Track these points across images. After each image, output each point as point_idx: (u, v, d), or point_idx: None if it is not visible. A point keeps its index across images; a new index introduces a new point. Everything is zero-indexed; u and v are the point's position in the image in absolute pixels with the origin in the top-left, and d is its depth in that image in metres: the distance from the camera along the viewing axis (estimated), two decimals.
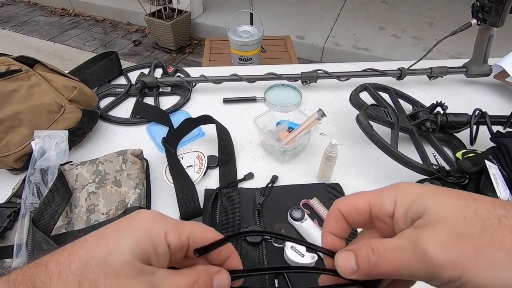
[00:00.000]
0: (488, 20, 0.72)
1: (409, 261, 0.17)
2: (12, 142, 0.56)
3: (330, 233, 0.23)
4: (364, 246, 0.19)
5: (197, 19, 2.78)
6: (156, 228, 0.20)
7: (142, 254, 0.19)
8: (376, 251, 0.19)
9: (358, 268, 0.19)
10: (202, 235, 0.21)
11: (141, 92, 0.79)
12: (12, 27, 3.02)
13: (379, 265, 0.18)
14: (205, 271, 0.21)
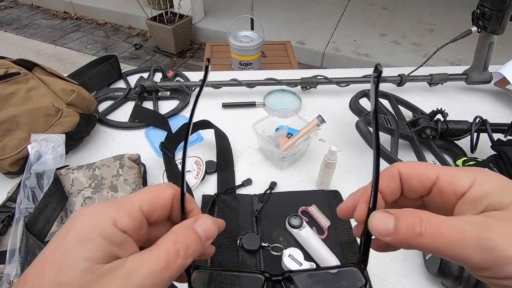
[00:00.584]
0: (488, 28, 0.72)
1: (467, 244, 0.16)
2: (8, 145, 0.55)
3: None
4: (411, 213, 0.18)
5: (198, 24, 2.79)
6: (99, 221, 0.18)
7: (99, 254, 0.17)
8: (427, 222, 0.17)
9: (396, 231, 0.18)
10: (156, 201, 0.20)
11: (140, 96, 0.79)
12: (14, 30, 3.03)
13: (425, 236, 0.17)
14: (180, 227, 0.20)
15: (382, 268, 0.47)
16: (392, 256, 0.49)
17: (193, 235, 0.19)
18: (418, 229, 0.17)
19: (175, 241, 0.19)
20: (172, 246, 0.18)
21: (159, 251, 0.18)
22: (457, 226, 0.17)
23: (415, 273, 0.46)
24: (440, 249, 0.17)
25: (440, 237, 0.17)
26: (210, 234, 0.20)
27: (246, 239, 0.48)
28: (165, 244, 0.19)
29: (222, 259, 0.46)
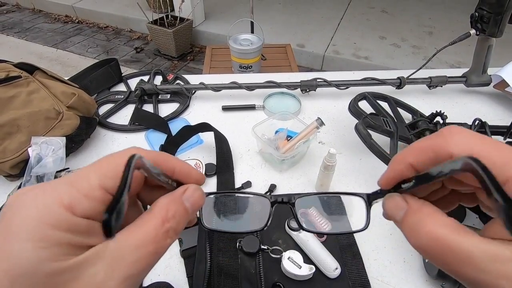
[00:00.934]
0: (487, 31, 0.73)
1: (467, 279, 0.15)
2: (9, 148, 0.55)
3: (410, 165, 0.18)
4: (421, 219, 0.17)
5: (198, 27, 2.81)
6: (49, 210, 0.15)
7: (60, 250, 0.14)
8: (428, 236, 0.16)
9: (401, 224, 0.18)
10: (120, 173, 0.15)
11: (141, 99, 0.79)
12: (16, 34, 3.05)
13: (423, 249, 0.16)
14: (168, 200, 0.18)
15: (381, 271, 0.47)
16: (391, 258, 0.48)
17: (182, 211, 0.18)
18: (420, 241, 0.16)
19: (164, 220, 0.17)
20: (161, 226, 0.16)
21: (146, 233, 0.16)
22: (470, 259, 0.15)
23: (415, 275, 0.46)
24: (444, 268, 0.16)
25: (443, 262, 0.16)
26: (197, 206, 0.19)
27: (246, 242, 0.48)
28: (153, 223, 0.16)
29: (221, 262, 0.46)
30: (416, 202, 0.18)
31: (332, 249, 0.48)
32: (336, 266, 0.45)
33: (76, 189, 0.16)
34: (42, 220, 0.14)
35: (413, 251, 0.49)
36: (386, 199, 0.19)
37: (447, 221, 0.16)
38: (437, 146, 0.17)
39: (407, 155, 0.18)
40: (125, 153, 0.17)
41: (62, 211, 0.15)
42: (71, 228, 0.15)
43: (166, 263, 0.48)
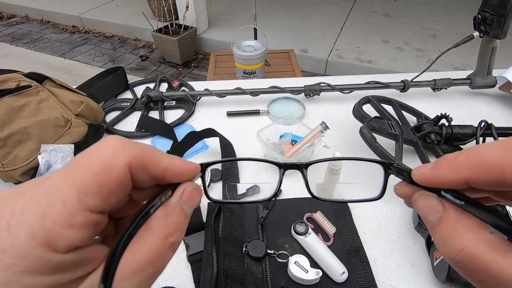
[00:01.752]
0: (490, 33, 0.72)
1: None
2: (19, 156, 0.57)
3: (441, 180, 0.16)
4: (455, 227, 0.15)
5: (202, 34, 2.85)
6: (23, 251, 0.12)
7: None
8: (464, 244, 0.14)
9: (431, 228, 0.16)
10: (105, 188, 0.13)
11: (147, 106, 0.81)
12: (25, 44, 3.13)
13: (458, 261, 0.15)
14: (167, 212, 0.15)
15: (389, 275, 0.47)
16: (399, 262, 0.48)
17: (184, 219, 0.16)
18: (451, 254, 0.15)
19: (167, 235, 0.15)
20: (164, 242, 0.15)
21: (147, 255, 0.14)
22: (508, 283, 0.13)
23: (423, 280, 0.46)
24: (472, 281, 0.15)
25: (479, 282, 0.14)
26: (195, 205, 0.17)
27: (252, 247, 0.48)
28: (154, 242, 0.14)
29: (227, 267, 0.46)
30: (455, 210, 0.16)
31: (339, 253, 0.48)
32: (343, 270, 0.45)
33: (52, 220, 0.12)
34: (16, 268, 0.11)
35: (421, 255, 0.49)
36: (419, 195, 0.17)
37: (489, 238, 0.14)
38: (507, 165, 0.13)
39: (464, 168, 0.15)
40: (102, 152, 0.14)
41: (39, 253, 0.12)
42: (56, 269, 0.12)
43: (173, 268, 0.48)
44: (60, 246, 0.12)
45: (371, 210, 0.55)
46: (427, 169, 0.17)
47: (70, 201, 0.12)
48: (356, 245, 0.49)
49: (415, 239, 0.50)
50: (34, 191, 0.13)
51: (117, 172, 0.13)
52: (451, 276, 0.41)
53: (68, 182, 0.13)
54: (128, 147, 0.14)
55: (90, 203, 0.13)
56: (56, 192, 0.12)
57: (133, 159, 0.14)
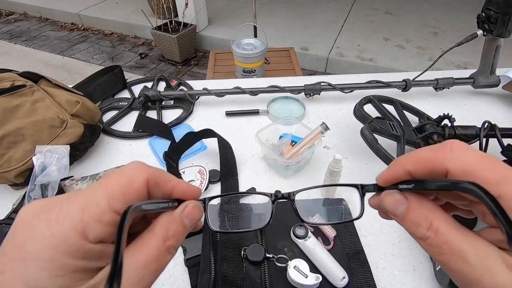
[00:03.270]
0: (494, 31, 0.71)
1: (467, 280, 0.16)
2: (13, 157, 0.56)
3: (407, 171, 0.19)
4: (423, 212, 0.18)
5: (202, 32, 2.83)
6: (64, 236, 0.15)
7: (75, 277, 0.15)
8: (433, 232, 0.17)
9: (402, 220, 0.19)
10: (127, 196, 0.17)
11: (144, 105, 0.79)
12: (24, 42, 3.11)
13: (426, 244, 0.17)
14: (168, 219, 0.19)
15: (390, 280, 0.46)
16: (401, 267, 0.47)
17: (181, 229, 0.19)
18: (422, 232, 0.17)
19: (165, 238, 0.18)
20: (162, 245, 0.18)
21: (148, 253, 0.17)
22: (464, 255, 0.16)
23: (425, 285, 0.45)
24: (437, 259, 0.17)
25: (439, 254, 0.17)
26: (195, 220, 0.20)
27: (251, 251, 0.47)
28: (155, 243, 0.18)
29: (226, 271, 0.45)
30: (416, 197, 0.19)
31: (339, 258, 0.47)
32: (344, 275, 0.44)
33: (88, 215, 0.16)
34: (59, 249, 0.15)
35: (423, 259, 0.48)
36: (385, 195, 0.20)
37: (447, 218, 0.18)
38: (437, 159, 0.18)
39: (407, 162, 0.19)
40: (128, 170, 0.18)
41: (77, 240, 0.15)
42: (85, 255, 0.16)
43: (170, 272, 0.47)
44: (91, 236, 0.16)
45: (372, 213, 0.54)
46: (384, 171, 0.20)
47: (102, 203, 0.16)
48: (356, 249, 0.49)
49: (416, 243, 0.49)
50: (76, 196, 0.17)
51: (137, 185, 0.18)
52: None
53: (101, 189, 0.17)
54: (147, 168, 0.19)
55: (117, 206, 0.16)
56: (92, 195, 0.17)
57: (150, 176, 0.18)
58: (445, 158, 0.17)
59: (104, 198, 0.16)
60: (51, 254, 0.15)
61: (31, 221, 0.16)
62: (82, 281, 0.16)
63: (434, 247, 0.17)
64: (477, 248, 0.16)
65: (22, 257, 0.15)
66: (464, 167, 0.17)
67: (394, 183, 0.20)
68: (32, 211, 0.16)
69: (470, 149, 0.18)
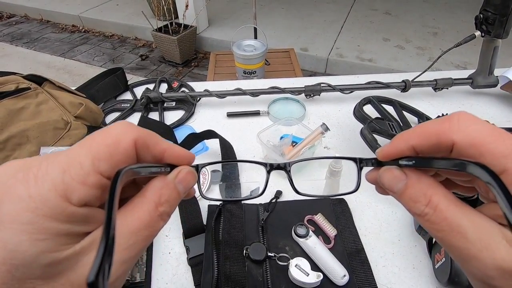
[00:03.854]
0: (492, 32, 0.72)
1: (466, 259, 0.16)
2: (18, 159, 0.56)
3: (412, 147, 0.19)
4: (422, 188, 0.17)
5: (202, 34, 2.84)
6: (44, 199, 0.14)
7: (58, 241, 0.14)
8: (432, 208, 0.17)
9: (400, 196, 0.18)
10: (114, 157, 0.16)
11: (146, 107, 0.80)
12: (25, 44, 3.12)
13: (424, 220, 0.17)
14: (161, 184, 0.18)
15: (390, 278, 0.46)
16: (400, 265, 0.48)
17: (175, 195, 0.18)
18: (420, 209, 0.17)
19: (157, 204, 0.17)
20: (155, 210, 0.17)
21: (140, 218, 0.16)
22: (463, 231, 0.15)
23: (425, 282, 0.46)
24: (435, 236, 0.17)
25: (437, 230, 0.17)
26: (189, 187, 0.19)
27: (252, 249, 0.48)
28: (147, 208, 0.17)
29: (228, 270, 0.46)
30: (415, 173, 0.18)
31: (340, 256, 0.47)
32: (344, 273, 0.45)
33: (70, 176, 0.15)
34: (38, 212, 0.14)
35: (423, 258, 0.48)
36: (383, 171, 0.19)
37: (447, 194, 0.17)
38: (442, 132, 0.17)
39: (411, 137, 0.18)
40: (114, 130, 0.17)
41: (58, 202, 0.14)
42: (69, 218, 0.15)
43: (174, 271, 0.48)
44: (74, 199, 0.15)
45: (372, 212, 0.55)
46: (386, 145, 0.20)
47: (86, 163, 0.15)
48: (357, 248, 0.49)
49: (416, 241, 0.50)
50: (56, 155, 0.16)
51: (124, 145, 0.16)
52: (453, 279, 0.41)
53: (85, 149, 0.16)
54: (135, 128, 0.17)
55: (102, 168, 0.15)
56: (75, 156, 0.15)
57: (138, 137, 0.17)
58: (451, 130, 0.17)
59: (89, 159, 0.15)
60: (30, 216, 0.14)
61: (6, 182, 0.14)
62: (67, 245, 0.15)
63: (433, 223, 0.17)
64: (477, 224, 0.16)
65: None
66: (471, 139, 0.16)
67: (394, 159, 0.19)
68: (8, 171, 0.15)
69: (478, 120, 0.17)
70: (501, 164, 0.15)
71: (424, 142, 0.18)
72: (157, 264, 0.49)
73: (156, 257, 0.49)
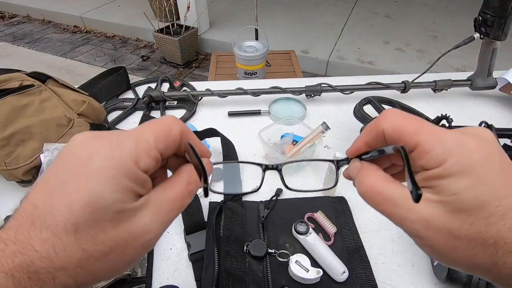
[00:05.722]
0: (491, 34, 0.73)
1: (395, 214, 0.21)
2: (22, 155, 0.57)
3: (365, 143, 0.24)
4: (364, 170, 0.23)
5: (203, 35, 2.85)
6: (122, 161, 0.18)
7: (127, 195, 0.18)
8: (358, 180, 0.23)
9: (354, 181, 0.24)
10: (168, 139, 0.21)
11: (148, 105, 0.81)
12: (27, 44, 3.14)
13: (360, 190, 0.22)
14: (191, 169, 0.23)
15: (389, 275, 0.47)
16: (399, 263, 0.48)
17: (198, 178, 0.22)
18: (363, 189, 0.22)
19: (188, 183, 0.22)
20: (186, 188, 0.22)
21: (176, 191, 0.21)
22: (394, 200, 0.20)
23: (423, 280, 0.46)
24: (378, 210, 0.22)
25: (376, 204, 0.21)
26: (208, 174, 0.24)
27: (253, 246, 0.48)
28: (181, 185, 0.22)
29: (229, 266, 0.47)
30: (366, 163, 0.23)
31: (340, 253, 0.48)
32: (344, 269, 0.45)
33: (140, 147, 0.19)
34: (119, 170, 0.18)
35: (422, 255, 0.49)
36: (350, 163, 0.25)
37: (382, 174, 0.22)
38: (375, 125, 0.22)
39: (362, 135, 0.24)
40: (168, 119, 0.22)
41: (132, 165, 0.19)
42: (136, 180, 0.19)
43: (175, 267, 0.48)
44: (141, 165, 0.19)
45: (372, 209, 0.55)
46: (351, 146, 0.25)
47: (150, 140, 0.20)
48: (356, 245, 0.50)
49: None
50: (129, 132, 0.20)
51: (175, 132, 0.21)
52: (451, 275, 0.42)
53: (149, 130, 0.20)
54: (181, 122, 0.22)
55: (159, 145, 0.20)
56: (142, 134, 0.20)
57: (183, 129, 0.22)
58: (380, 122, 0.22)
59: (152, 137, 0.20)
60: (113, 172, 0.18)
61: (93, 143, 0.19)
62: (130, 201, 0.19)
63: (372, 199, 0.21)
64: (404, 193, 0.20)
65: (86, 171, 0.18)
66: (393, 125, 0.21)
67: (358, 155, 0.24)
68: (87, 136, 0.19)
69: (398, 112, 0.22)
70: (414, 140, 0.20)
71: (369, 137, 0.23)
72: (159, 259, 0.49)
73: (158, 252, 0.50)
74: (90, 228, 0.17)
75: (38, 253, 0.16)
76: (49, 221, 0.17)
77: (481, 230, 0.18)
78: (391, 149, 0.21)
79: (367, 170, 0.23)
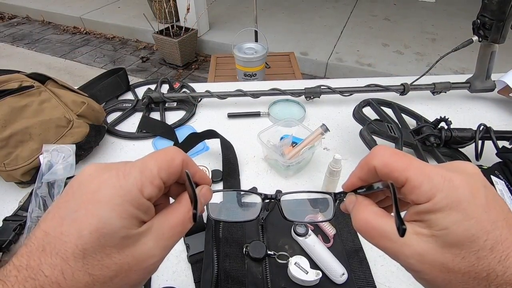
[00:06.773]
0: (489, 37, 0.73)
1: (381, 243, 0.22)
2: (21, 156, 0.57)
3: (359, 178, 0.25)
4: (354, 202, 0.25)
5: (203, 37, 2.86)
6: (128, 189, 0.20)
7: (132, 222, 0.20)
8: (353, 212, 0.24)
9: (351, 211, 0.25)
10: (171, 169, 0.22)
11: (148, 107, 0.81)
12: (26, 45, 3.13)
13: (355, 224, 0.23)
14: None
15: (388, 277, 0.47)
16: (398, 265, 0.48)
17: (200, 205, 0.23)
18: (358, 224, 0.23)
19: (189, 209, 0.23)
20: (187, 214, 0.23)
21: (177, 218, 0.22)
22: (388, 235, 0.21)
23: None
24: (372, 243, 0.23)
25: (371, 238, 0.22)
26: (207, 201, 0.26)
27: (252, 247, 0.48)
28: (182, 211, 0.23)
29: (228, 267, 0.47)
30: (361, 198, 0.25)
31: (339, 255, 0.48)
32: (343, 271, 0.45)
33: (145, 176, 0.21)
34: (125, 198, 0.20)
35: None
36: (346, 197, 0.26)
37: (376, 210, 0.23)
38: (367, 162, 0.23)
39: (356, 171, 0.25)
40: (170, 151, 0.23)
41: (137, 193, 0.20)
42: (140, 207, 0.20)
43: (174, 268, 0.48)
44: (145, 193, 0.20)
45: None
46: (346, 181, 0.26)
47: (154, 170, 0.21)
48: (355, 247, 0.50)
49: None
50: (133, 162, 0.22)
51: (177, 162, 0.23)
52: None
53: (153, 160, 0.22)
54: (182, 152, 0.24)
55: (162, 175, 0.22)
56: (146, 164, 0.21)
57: (184, 159, 0.23)
58: (371, 159, 0.23)
59: (156, 167, 0.21)
60: (120, 200, 0.19)
61: (102, 175, 0.20)
62: (135, 227, 0.20)
63: (366, 234, 0.22)
64: (394, 228, 0.20)
65: (95, 200, 0.19)
66: (383, 162, 0.22)
67: (354, 189, 0.26)
68: (96, 168, 0.21)
69: (387, 148, 0.23)
70: (403, 176, 0.21)
71: (362, 173, 0.24)
72: None
73: None
74: (97, 253, 0.18)
75: (48, 278, 0.17)
76: (59, 247, 0.18)
77: (473, 263, 0.18)
78: (382, 185, 0.22)
79: (360, 205, 0.24)
